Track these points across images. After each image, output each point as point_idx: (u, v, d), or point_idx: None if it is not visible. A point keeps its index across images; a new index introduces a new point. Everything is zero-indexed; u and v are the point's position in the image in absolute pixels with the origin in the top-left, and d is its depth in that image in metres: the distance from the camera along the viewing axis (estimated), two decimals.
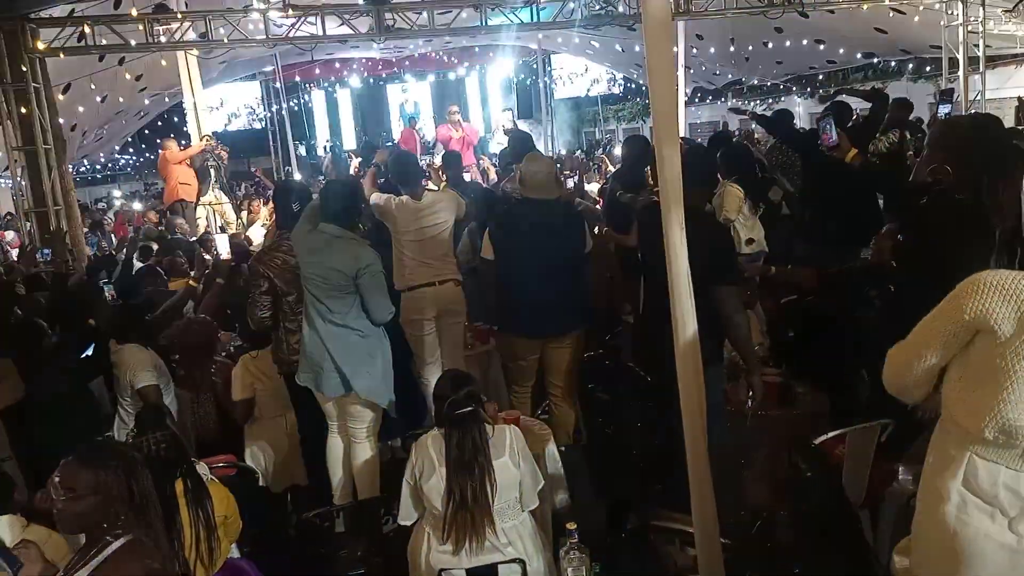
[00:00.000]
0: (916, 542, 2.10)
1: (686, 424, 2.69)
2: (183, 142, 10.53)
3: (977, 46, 10.09)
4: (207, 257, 7.26)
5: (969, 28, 10.02)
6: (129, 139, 17.44)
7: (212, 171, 10.02)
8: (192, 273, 6.33)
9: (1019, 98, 6.32)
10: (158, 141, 11.80)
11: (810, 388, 3.67)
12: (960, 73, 10.35)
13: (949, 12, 10.17)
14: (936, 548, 1.93)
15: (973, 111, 9.97)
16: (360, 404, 3.77)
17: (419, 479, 2.85)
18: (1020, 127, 5.39)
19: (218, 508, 2.74)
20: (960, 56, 10.26)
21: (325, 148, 18.37)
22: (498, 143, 10.57)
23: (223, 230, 9.57)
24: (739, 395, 3.84)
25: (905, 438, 3.16)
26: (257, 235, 8.09)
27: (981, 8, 9.59)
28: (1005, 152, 3.49)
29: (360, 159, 8.12)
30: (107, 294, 5.63)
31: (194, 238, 8.85)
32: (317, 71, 17.35)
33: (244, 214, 10.74)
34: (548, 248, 3.99)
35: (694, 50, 13.72)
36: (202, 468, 3.03)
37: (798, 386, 3.67)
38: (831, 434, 3.04)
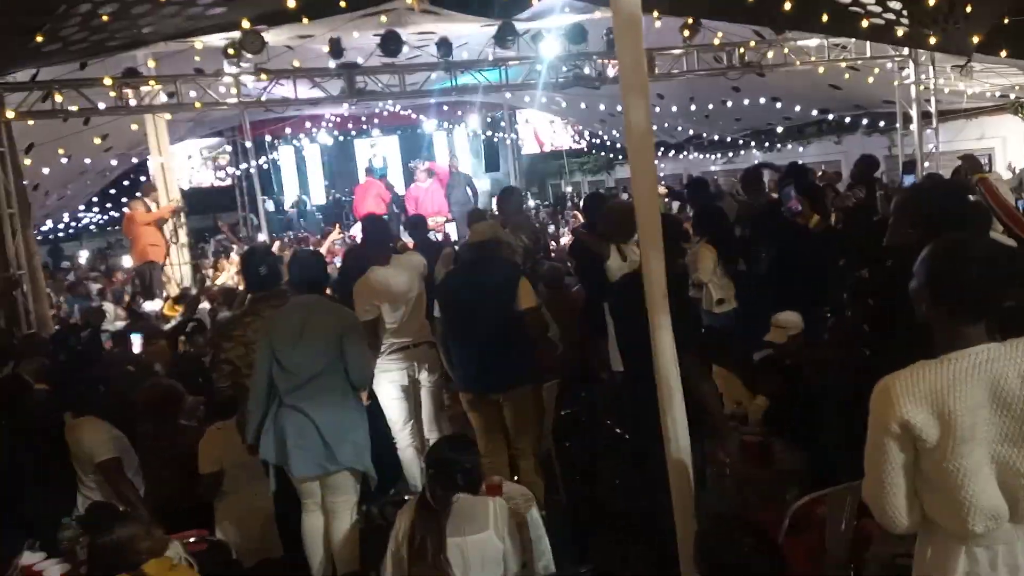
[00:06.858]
0: None
1: (674, 488, 2.69)
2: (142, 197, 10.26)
3: (928, 101, 10.46)
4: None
5: (922, 86, 10.40)
6: (94, 198, 17.22)
7: (179, 231, 9.98)
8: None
9: (964, 156, 6.54)
10: (124, 200, 11.67)
11: (788, 447, 3.69)
12: (914, 127, 10.71)
13: (902, 70, 10.57)
14: None
15: (927, 165, 10.32)
16: (341, 475, 3.67)
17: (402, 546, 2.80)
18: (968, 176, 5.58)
19: None
20: (914, 112, 10.61)
21: (294, 204, 18.33)
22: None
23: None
24: (718, 455, 3.84)
25: None
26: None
27: (931, 67, 9.99)
28: (964, 212, 3.63)
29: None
30: None
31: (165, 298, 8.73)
32: (287, 129, 17.44)
33: (210, 271, 10.65)
34: (480, 305, 4.10)
35: (656, 108, 14.12)
36: (174, 548, 2.93)
37: (777, 445, 3.68)
38: (812, 495, 3.05)
